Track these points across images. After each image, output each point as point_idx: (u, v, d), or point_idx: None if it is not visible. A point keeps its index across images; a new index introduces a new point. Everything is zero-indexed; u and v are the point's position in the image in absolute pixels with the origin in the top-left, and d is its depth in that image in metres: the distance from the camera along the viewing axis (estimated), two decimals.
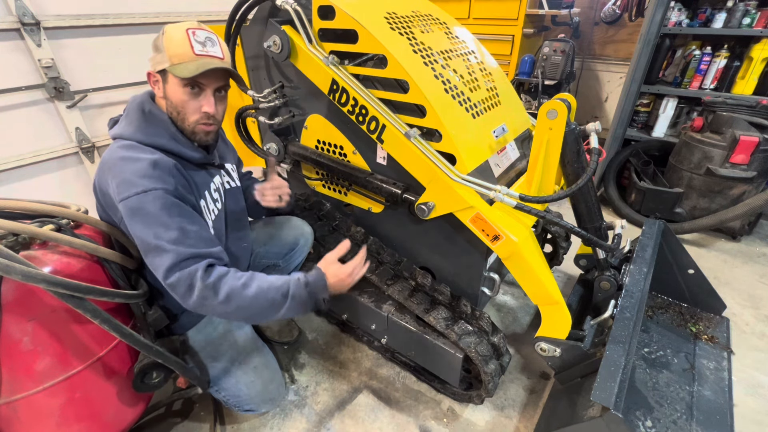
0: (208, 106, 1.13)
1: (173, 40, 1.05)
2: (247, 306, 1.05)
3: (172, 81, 1.09)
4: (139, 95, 1.18)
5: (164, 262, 1.01)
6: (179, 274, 1.01)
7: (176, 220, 1.03)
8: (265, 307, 1.07)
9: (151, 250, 1.02)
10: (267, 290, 1.07)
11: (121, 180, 1.03)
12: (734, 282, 2.26)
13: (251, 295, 1.05)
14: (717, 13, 2.56)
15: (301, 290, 1.10)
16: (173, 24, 1.08)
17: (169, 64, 1.05)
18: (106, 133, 2.40)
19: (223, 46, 1.14)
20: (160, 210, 1.02)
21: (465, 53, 1.62)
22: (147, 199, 1.01)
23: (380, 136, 1.37)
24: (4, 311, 0.94)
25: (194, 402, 1.64)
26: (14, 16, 1.89)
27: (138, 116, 1.13)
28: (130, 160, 1.05)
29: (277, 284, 1.09)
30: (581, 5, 3.61)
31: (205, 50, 1.08)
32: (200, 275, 1.02)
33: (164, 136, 1.13)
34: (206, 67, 1.06)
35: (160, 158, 1.08)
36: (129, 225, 1.03)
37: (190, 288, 1.02)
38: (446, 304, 1.51)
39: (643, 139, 3.03)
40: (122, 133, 1.12)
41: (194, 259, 1.04)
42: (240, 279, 1.06)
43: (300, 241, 1.61)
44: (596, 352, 1.29)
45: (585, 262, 1.80)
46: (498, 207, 1.28)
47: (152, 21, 2.41)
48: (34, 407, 1.03)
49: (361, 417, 1.58)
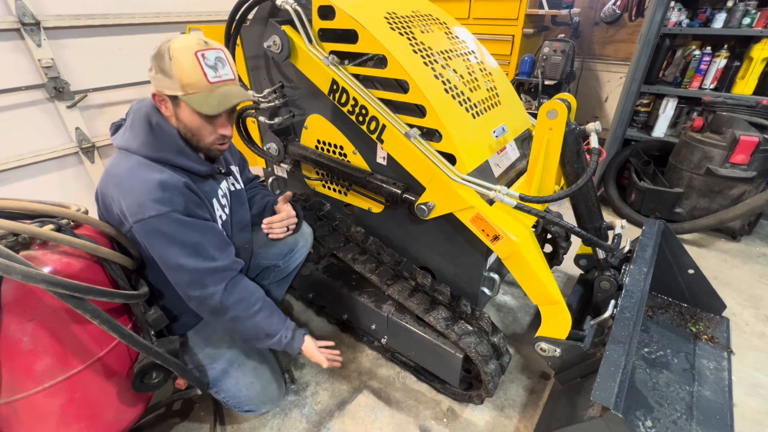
0: (225, 130, 1.15)
1: (183, 67, 1.01)
2: (241, 330, 1.24)
3: (186, 108, 1.07)
4: (144, 104, 1.14)
5: (184, 279, 1.11)
6: (200, 293, 1.12)
7: (190, 236, 1.09)
8: (251, 336, 1.27)
9: (172, 269, 1.10)
10: (261, 328, 1.24)
11: (132, 201, 1.04)
12: (734, 282, 2.26)
13: (250, 325, 1.22)
14: (717, 13, 2.55)
15: (280, 344, 1.29)
16: (177, 43, 1.02)
17: (182, 93, 1.03)
18: (106, 133, 2.40)
19: (231, 63, 1.11)
20: (175, 231, 1.07)
21: (465, 53, 1.62)
22: (162, 222, 1.05)
23: (380, 136, 1.37)
24: (4, 311, 0.94)
25: (194, 402, 1.64)
26: (14, 16, 1.90)
27: (145, 129, 1.10)
28: (139, 180, 1.05)
29: (270, 329, 1.26)
30: (581, 5, 3.61)
31: (218, 76, 1.06)
32: (219, 298, 1.14)
33: (172, 151, 1.12)
34: (228, 104, 1.07)
35: (169, 178, 1.07)
36: (147, 245, 1.09)
37: (206, 305, 1.15)
38: (446, 304, 1.50)
39: (643, 139, 3.03)
40: (129, 146, 1.11)
41: (212, 276, 1.13)
42: (250, 309, 1.21)
43: (300, 241, 1.61)
44: (596, 352, 1.29)
45: (585, 262, 1.80)
46: (498, 207, 1.28)
47: (152, 21, 2.41)
48: (34, 407, 1.03)
49: (361, 417, 1.58)
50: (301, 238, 1.61)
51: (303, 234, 1.62)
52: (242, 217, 1.43)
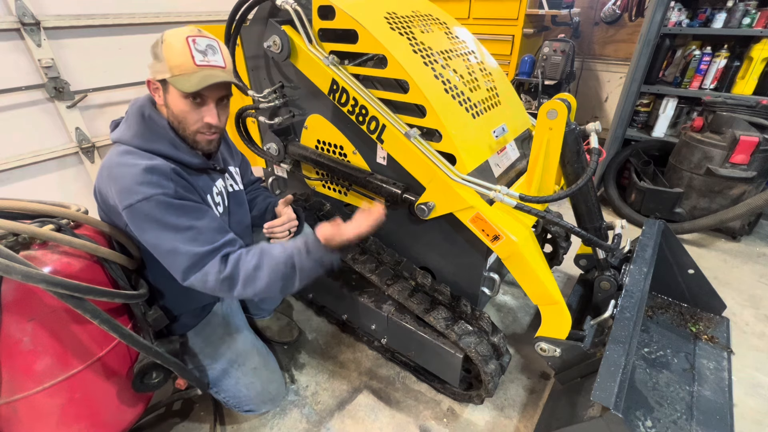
0: (210, 117, 1.13)
1: (173, 49, 1.03)
2: (264, 285, 1.10)
3: (173, 92, 1.08)
4: (140, 99, 1.17)
5: (180, 264, 1.06)
6: (196, 275, 1.06)
7: (183, 220, 1.06)
8: (280, 281, 1.12)
9: (165, 254, 1.06)
10: (276, 267, 1.11)
11: (120, 187, 1.03)
12: (734, 282, 2.26)
13: (265, 275, 1.10)
14: (717, 13, 2.56)
15: (304, 259, 1.13)
16: (172, 30, 1.06)
17: (169, 74, 1.04)
18: (106, 134, 2.40)
19: (224, 53, 1.12)
20: (165, 214, 1.04)
21: (465, 53, 1.62)
22: (150, 205, 1.02)
23: (380, 136, 1.37)
24: (4, 311, 0.94)
25: (194, 402, 1.64)
26: (14, 16, 1.89)
27: (137, 121, 1.12)
28: (127, 166, 1.05)
29: (282, 258, 1.12)
30: (581, 5, 3.61)
31: (206, 60, 1.06)
32: (215, 271, 1.07)
33: (163, 141, 1.12)
34: (208, 81, 1.05)
35: (158, 163, 1.07)
36: (137, 233, 1.07)
37: (208, 284, 1.07)
38: (446, 304, 1.51)
39: (643, 139, 3.03)
40: (121, 137, 1.12)
41: (209, 256, 1.07)
42: (251, 262, 1.10)
43: None
44: (596, 352, 1.29)
45: (585, 262, 1.80)
46: (498, 207, 1.28)
47: (152, 21, 2.41)
48: (34, 407, 1.03)
49: (361, 417, 1.58)
50: None
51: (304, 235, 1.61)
52: (242, 218, 1.43)
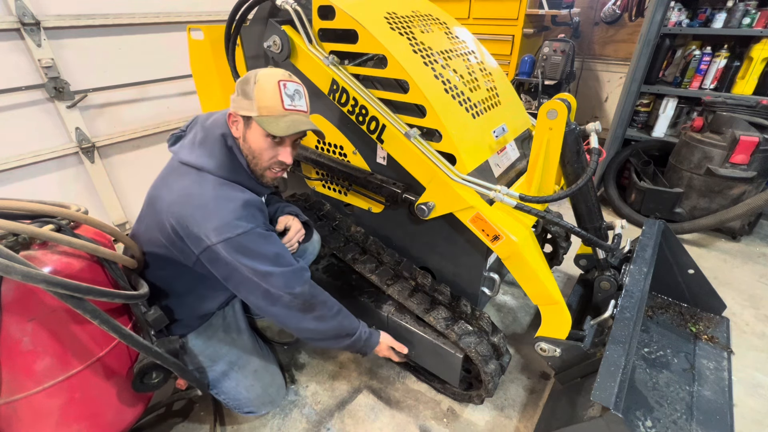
0: (285, 157, 1.19)
1: (265, 91, 1.09)
2: (324, 330, 1.26)
3: (255, 129, 1.13)
4: (217, 124, 1.20)
5: (277, 283, 1.15)
6: (290, 292, 1.16)
7: (271, 247, 1.16)
8: (332, 335, 1.28)
9: (261, 276, 1.14)
10: (343, 327, 1.29)
11: (221, 223, 1.09)
12: (734, 282, 2.26)
13: (334, 324, 1.27)
14: (717, 13, 2.55)
15: (360, 341, 1.33)
16: (265, 72, 1.11)
17: (257, 114, 1.10)
18: (106, 133, 2.40)
19: (307, 98, 1.19)
20: (260, 244, 1.13)
21: (465, 53, 1.62)
22: (249, 238, 1.11)
23: (380, 136, 1.37)
24: (4, 311, 0.94)
25: (194, 402, 1.64)
26: (14, 16, 1.90)
27: (221, 151, 1.17)
28: (225, 200, 1.12)
29: (351, 328, 1.31)
30: (581, 5, 3.61)
31: (293, 105, 1.13)
32: (308, 292, 1.20)
33: (243, 174, 1.20)
34: (296, 129, 1.12)
35: (252, 198, 1.17)
36: (233, 260, 1.11)
37: (295, 305, 1.18)
38: (446, 304, 1.50)
39: (643, 139, 3.03)
40: (203, 165, 1.15)
41: (298, 276, 1.19)
42: (332, 309, 1.27)
43: (308, 248, 1.62)
44: (596, 352, 1.29)
45: (585, 262, 1.80)
46: (498, 207, 1.28)
47: (152, 21, 2.41)
48: (34, 407, 1.03)
49: (361, 417, 1.58)
50: (309, 245, 1.62)
51: (312, 242, 1.63)
52: None
